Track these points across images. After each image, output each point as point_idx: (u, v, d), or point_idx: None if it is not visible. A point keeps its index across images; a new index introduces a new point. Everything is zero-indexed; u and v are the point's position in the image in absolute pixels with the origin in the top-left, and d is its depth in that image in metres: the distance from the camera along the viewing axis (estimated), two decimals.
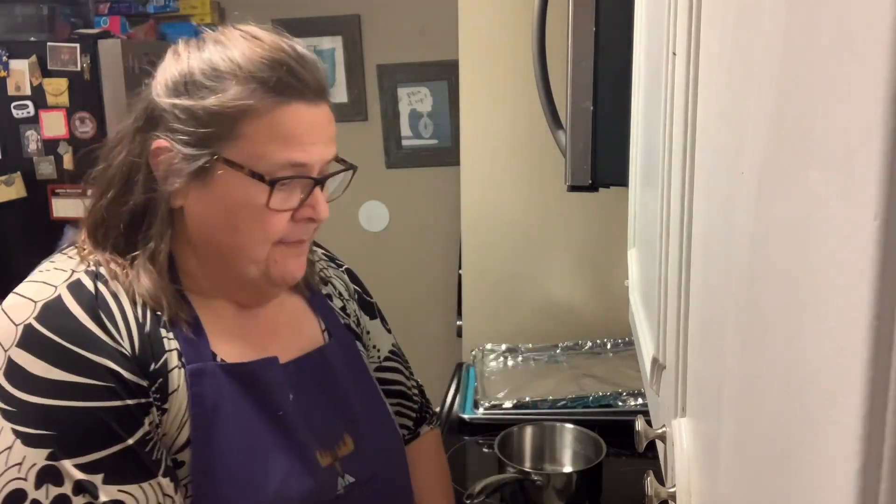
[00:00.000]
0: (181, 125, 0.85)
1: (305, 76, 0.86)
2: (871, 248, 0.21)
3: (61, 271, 0.85)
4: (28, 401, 0.77)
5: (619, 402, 1.55)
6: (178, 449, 0.85)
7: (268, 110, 0.84)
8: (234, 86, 0.83)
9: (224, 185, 0.85)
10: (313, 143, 0.87)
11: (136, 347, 0.82)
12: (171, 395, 0.84)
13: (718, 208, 0.45)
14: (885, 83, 0.20)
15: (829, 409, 0.24)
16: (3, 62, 2.85)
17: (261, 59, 0.84)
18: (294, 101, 0.85)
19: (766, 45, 0.33)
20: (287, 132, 0.85)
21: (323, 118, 0.89)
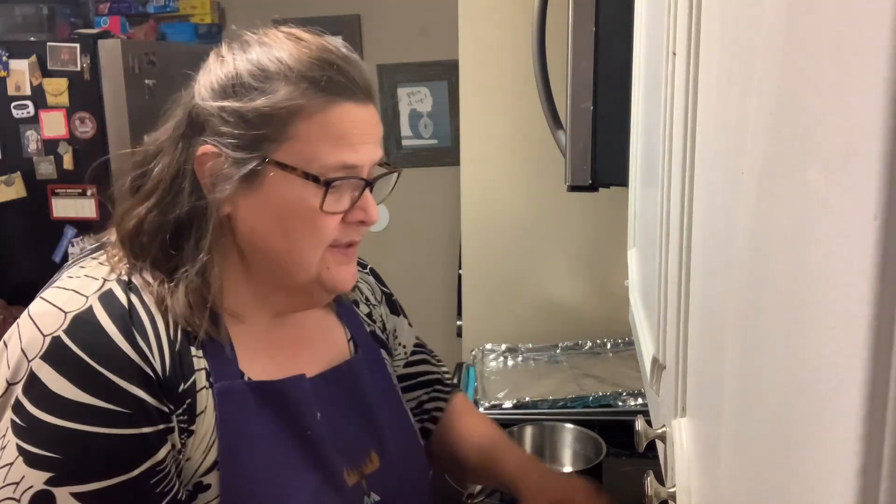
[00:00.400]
0: (229, 128, 0.82)
1: (354, 75, 0.86)
2: (871, 248, 0.21)
3: (92, 279, 0.82)
4: (41, 419, 0.74)
5: (619, 402, 1.55)
6: (204, 471, 0.82)
7: (319, 110, 0.82)
8: (285, 86, 0.82)
9: (275, 188, 0.83)
10: (364, 143, 0.86)
11: (166, 367, 0.79)
12: (198, 416, 0.81)
13: (718, 208, 0.45)
14: (885, 83, 0.20)
15: (829, 409, 0.24)
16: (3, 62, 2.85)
17: (309, 59, 0.83)
18: (345, 100, 0.84)
19: (767, 45, 0.33)
20: (339, 132, 0.83)
21: (371, 118, 0.88)
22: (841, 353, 0.23)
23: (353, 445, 0.94)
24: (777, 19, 0.31)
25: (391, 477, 0.96)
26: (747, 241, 0.36)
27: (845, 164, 0.23)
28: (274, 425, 0.86)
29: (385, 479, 0.95)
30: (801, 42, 0.28)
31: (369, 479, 0.93)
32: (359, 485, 0.92)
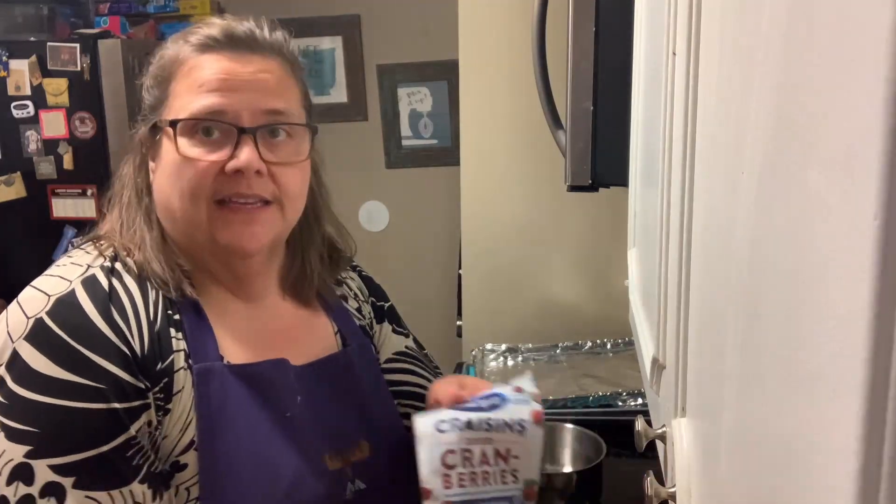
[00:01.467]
0: (143, 104, 0.92)
1: (237, 32, 0.88)
2: (871, 248, 0.21)
3: (77, 266, 0.86)
4: (22, 395, 0.77)
5: (619, 402, 1.55)
6: (181, 450, 0.84)
7: (190, 65, 0.87)
8: (170, 51, 0.89)
9: (164, 150, 0.88)
10: (235, 90, 0.86)
11: (144, 346, 0.82)
12: (175, 395, 0.84)
13: (718, 208, 0.45)
14: (885, 83, 0.20)
15: (829, 409, 0.24)
16: (3, 62, 2.85)
17: (200, 30, 0.89)
18: (216, 52, 0.87)
19: (767, 45, 0.33)
20: (202, 80, 0.86)
21: (254, 68, 0.88)
22: (841, 353, 0.23)
23: (339, 432, 0.94)
24: (777, 19, 0.31)
25: (380, 467, 0.96)
26: (747, 241, 0.36)
27: (845, 164, 0.23)
28: (253, 407, 0.88)
29: (373, 468, 0.95)
30: (801, 42, 0.28)
31: (356, 467, 0.94)
32: (342, 470, 0.92)
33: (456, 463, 0.84)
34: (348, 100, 3.33)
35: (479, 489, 0.84)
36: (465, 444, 0.84)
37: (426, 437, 0.85)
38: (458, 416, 0.86)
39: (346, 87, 3.32)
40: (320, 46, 3.25)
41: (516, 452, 0.85)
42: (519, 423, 0.86)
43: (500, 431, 0.85)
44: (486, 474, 0.84)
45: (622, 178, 1.12)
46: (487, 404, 0.87)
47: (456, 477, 0.83)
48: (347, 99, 3.33)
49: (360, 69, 3.33)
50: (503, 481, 0.84)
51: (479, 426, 0.85)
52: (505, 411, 0.87)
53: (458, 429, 0.84)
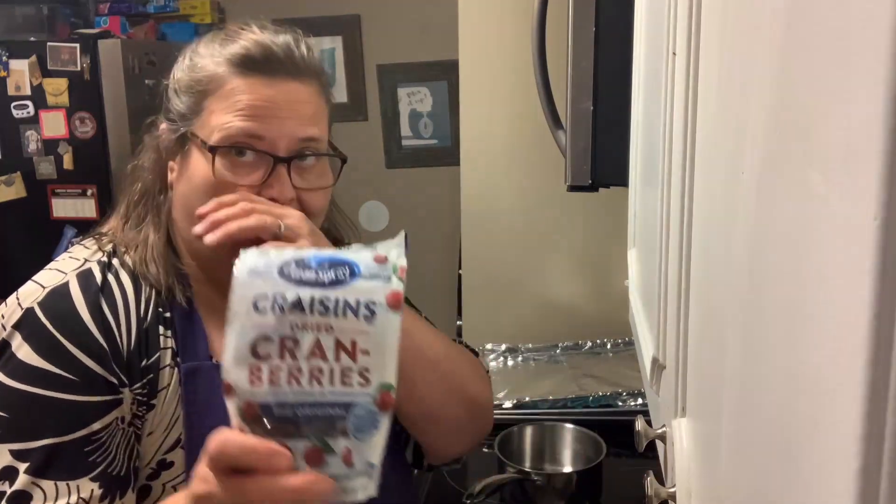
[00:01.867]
0: (170, 104, 0.91)
1: (278, 53, 0.88)
2: (871, 249, 0.21)
3: (75, 260, 0.88)
4: (3, 382, 0.80)
5: (619, 402, 1.56)
6: (167, 449, 0.86)
7: (229, 84, 0.87)
8: (208, 64, 0.88)
9: (194, 160, 0.88)
10: (274, 116, 0.86)
11: (130, 342, 0.84)
12: (160, 391, 0.85)
13: (718, 208, 0.45)
14: (885, 83, 0.20)
15: (829, 409, 0.24)
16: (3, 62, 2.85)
17: (239, 43, 0.88)
18: (257, 75, 0.86)
19: (766, 44, 0.33)
20: (242, 104, 0.86)
21: (292, 95, 0.88)
22: (841, 353, 0.23)
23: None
24: (777, 19, 0.31)
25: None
26: (747, 241, 0.36)
27: (845, 164, 0.23)
28: None
29: None
30: (801, 42, 0.28)
31: None
32: None
33: (271, 353, 0.62)
34: (348, 100, 3.33)
35: (301, 391, 0.61)
36: (289, 331, 0.62)
37: (239, 315, 0.63)
38: (284, 292, 0.62)
39: (346, 87, 3.33)
40: (320, 46, 3.25)
41: (365, 346, 0.63)
42: (368, 307, 0.63)
43: (342, 317, 0.63)
44: (317, 372, 0.62)
45: (622, 178, 1.12)
46: (330, 277, 0.64)
47: (268, 371, 0.61)
48: (347, 99, 3.33)
49: (360, 69, 3.33)
50: (344, 383, 0.62)
51: (312, 308, 0.62)
52: (351, 289, 0.64)
53: (280, 309, 0.62)
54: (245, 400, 0.61)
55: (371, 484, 0.64)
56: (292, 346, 0.61)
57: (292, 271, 0.63)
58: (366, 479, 0.63)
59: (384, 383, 0.63)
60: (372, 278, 0.65)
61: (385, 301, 0.64)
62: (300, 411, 0.61)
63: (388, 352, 0.64)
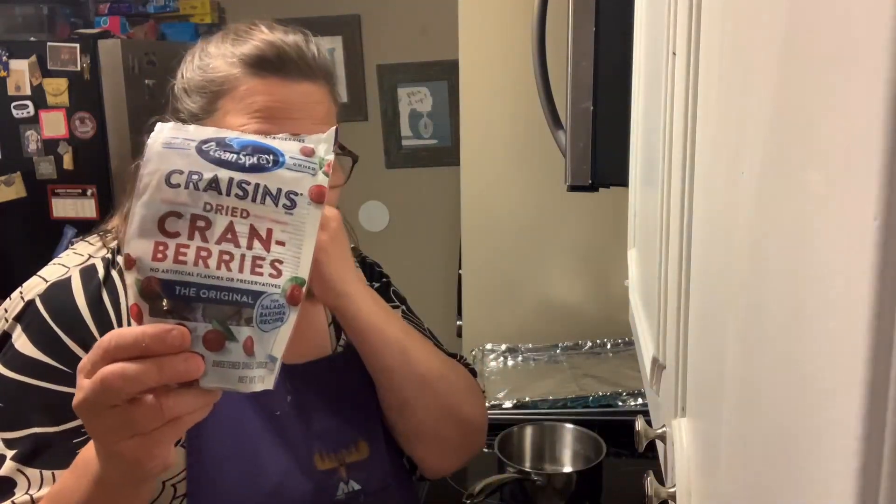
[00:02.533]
0: (178, 104, 0.90)
1: (290, 53, 0.87)
2: (871, 249, 0.21)
3: (79, 255, 0.89)
4: (1, 373, 0.82)
5: (619, 402, 1.55)
6: None
7: (242, 84, 0.86)
8: (220, 64, 0.87)
9: None
10: (289, 118, 0.86)
11: None
12: None
13: (718, 208, 0.45)
14: (885, 83, 0.20)
15: (829, 409, 0.24)
16: (3, 62, 2.85)
17: (252, 43, 0.87)
18: (271, 75, 0.86)
19: (766, 45, 0.33)
20: (256, 105, 0.85)
21: (306, 96, 0.88)
22: (841, 353, 0.23)
23: (333, 432, 0.93)
24: (777, 19, 0.31)
25: (377, 468, 0.95)
26: (747, 241, 0.36)
27: (845, 164, 0.23)
28: (242, 405, 0.87)
29: (370, 469, 0.94)
30: (801, 42, 0.28)
31: (351, 468, 0.93)
32: (334, 471, 0.91)
33: (179, 231, 0.58)
34: (348, 100, 3.33)
35: (208, 273, 0.58)
36: (201, 211, 0.59)
37: (149, 187, 0.59)
38: (202, 170, 0.59)
39: (346, 87, 3.33)
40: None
41: (281, 237, 0.60)
42: (289, 196, 0.61)
43: (259, 203, 0.60)
44: (227, 256, 0.59)
45: (622, 178, 1.12)
46: (251, 161, 0.61)
47: (174, 249, 0.58)
48: (347, 99, 3.33)
49: (360, 69, 3.33)
50: (255, 271, 0.59)
51: (229, 190, 0.59)
52: (273, 176, 0.61)
53: (195, 187, 0.59)
54: (146, 275, 0.58)
55: (270, 377, 0.61)
56: (203, 227, 0.59)
57: (212, 150, 0.60)
58: (264, 370, 0.61)
59: (296, 277, 0.61)
60: (297, 169, 0.62)
61: (307, 193, 0.62)
62: (204, 293, 0.58)
63: (305, 246, 0.62)
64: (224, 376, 0.59)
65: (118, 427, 0.58)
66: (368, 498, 0.94)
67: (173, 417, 0.58)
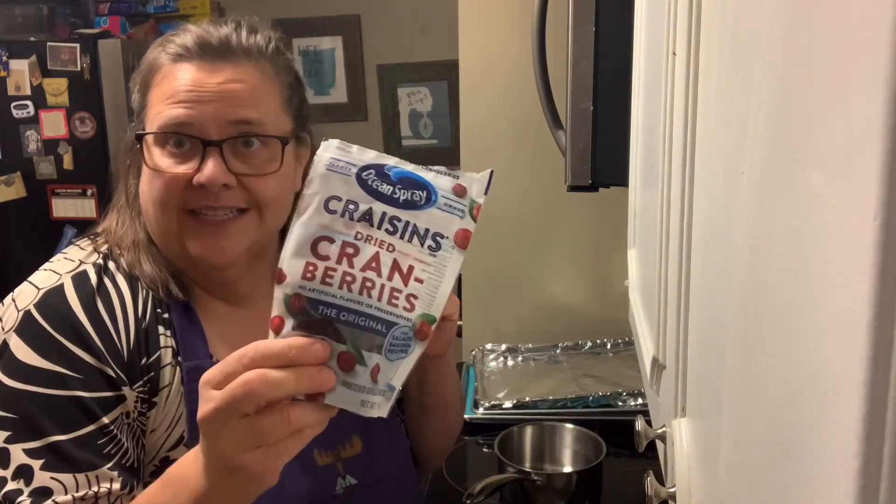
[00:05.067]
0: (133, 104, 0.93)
1: (210, 39, 0.88)
2: (871, 248, 0.21)
3: (70, 261, 0.88)
4: (7, 384, 0.80)
5: (619, 402, 1.55)
6: (171, 446, 0.86)
7: (162, 72, 0.87)
8: (147, 60, 0.90)
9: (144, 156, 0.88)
10: (199, 101, 0.85)
11: (130, 341, 0.84)
12: (161, 390, 0.86)
13: (718, 208, 0.45)
14: (885, 83, 0.20)
15: (829, 409, 0.24)
16: (3, 62, 2.85)
17: (177, 34, 0.90)
18: (187, 61, 0.87)
19: (766, 45, 0.33)
20: (170, 91, 0.86)
21: (224, 76, 0.86)
22: (841, 353, 0.23)
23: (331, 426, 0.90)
24: (777, 19, 0.31)
25: (373, 463, 0.96)
26: (747, 241, 0.36)
27: (845, 164, 0.23)
28: None
29: (366, 464, 0.95)
30: (801, 41, 0.28)
31: (346, 463, 0.94)
32: (332, 466, 0.93)
33: (330, 255, 0.61)
34: (348, 100, 3.33)
35: (351, 297, 0.61)
36: (352, 238, 0.62)
37: (308, 209, 0.62)
38: (358, 200, 0.62)
39: (346, 87, 3.33)
40: (320, 46, 3.25)
41: (420, 275, 0.62)
42: (435, 238, 0.63)
43: (406, 241, 0.62)
44: (368, 283, 0.61)
45: (622, 178, 1.12)
46: (405, 197, 0.63)
47: (323, 270, 0.61)
48: (347, 99, 3.33)
49: (360, 69, 3.33)
50: (391, 302, 0.61)
51: (381, 224, 0.62)
52: (424, 215, 0.63)
53: (350, 216, 0.62)
54: (295, 290, 0.61)
55: (386, 405, 0.64)
56: (352, 254, 0.62)
57: (370, 179, 0.63)
58: (382, 398, 0.64)
59: (428, 314, 0.63)
60: (447, 210, 0.64)
61: (453, 237, 0.64)
62: (344, 316, 0.61)
63: (441, 287, 0.64)
64: (348, 397, 0.63)
65: (245, 438, 0.60)
66: (364, 492, 0.94)
67: (297, 429, 0.61)
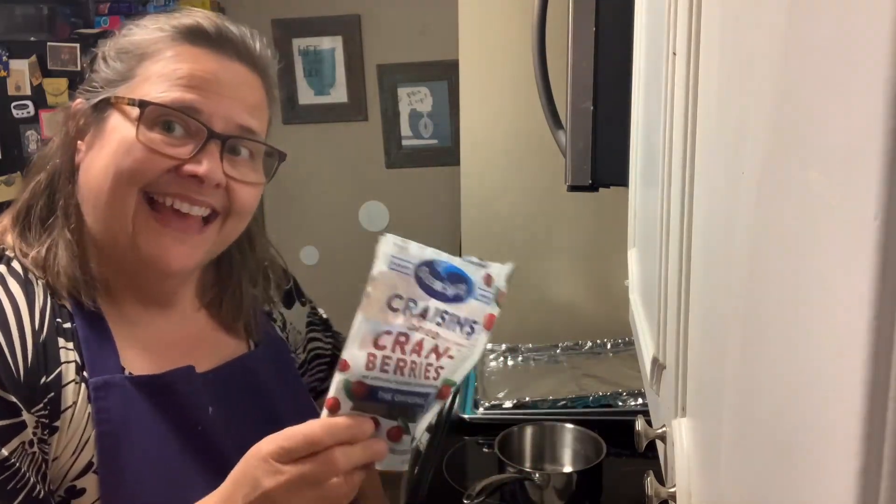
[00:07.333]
0: (94, 75, 0.83)
1: (230, 31, 0.82)
2: (871, 248, 0.21)
3: None
4: None
5: (619, 402, 1.55)
6: (77, 474, 0.76)
7: (169, 50, 0.79)
8: (146, 31, 0.81)
9: (110, 129, 0.79)
10: (215, 92, 0.79)
11: (27, 357, 0.74)
12: (63, 412, 0.75)
13: (718, 208, 0.45)
14: (885, 83, 0.20)
15: (829, 409, 0.24)
16: (3, 62, 2.85)
17: (188, 17, 0.82)
18: (204, 46, 0.80)
19: (766, 45, 0.33)
20: (184, 72, 0.78)
21: (238, 76, 0.82)
22: (841, 353, 0.23)
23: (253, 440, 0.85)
24: (777, 19, 0.31)
25: None
26: (747, 241, 0.36)
27: (845, 164, 0.23)
28: (160, 422, 0.80)
29: None
30: (801, 42, 0.28)
31: None
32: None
33: (387, 345, 0.70)
34: (348, 100, 3.33)
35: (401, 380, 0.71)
36: (406, 329, 0.71)
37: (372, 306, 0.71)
38: (417, 299, 0.71)
39: (346, 87, 3.32)
40: (320, 46, 3.25)
41: (454, 353, 0.72)
42: (471, 325, 0.74)
43: (450, 329, 0.72)
44: (413, 365, 0.71)
45: (622, 178, 1.12)
46: (453, 292, 0.73)
47: (381, 359, 0.70)
48: (347, 99, 3.33)
49: (360, 69, 3.32)
50: (426, 376, 0.71)
51: (432, 318, 0.72)
52: (465, 307, 0.73)
53: (409, 313, 0.71)
54: (357, 379, 0.70)
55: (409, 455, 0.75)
56: (403, 342, 0.71)
57: (426, 277, 0.73)
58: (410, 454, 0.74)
59: (450, 380, 0.73)
60: (481, 299, 0.75)
61: (483, 322, 0.75)
62: (397, 398, 0.71)
63: (467, 362, 0.73)
64: (393, 461, 0.73)
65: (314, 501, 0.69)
66: None
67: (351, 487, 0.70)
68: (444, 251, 0.76)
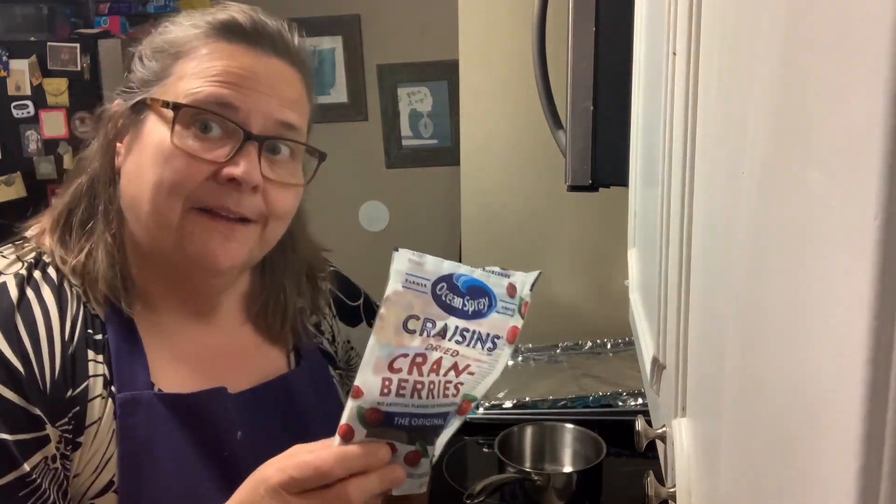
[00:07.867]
0: (131, 75, 0.81)
1: (266, 26, 0.80)
2: (871, 248, 0.21)
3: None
4: None
5: (619, 402, 1.55)
6: (97, 492, 0.74)
7: (204, 47, 0.77)
8: (181, 28, 0.80)
9: (147, 131, 0.77)
10: (252, 89, 0.77)
11: (55, 369, 0.72)
12: (88, 427, 0.73)
13: (718, 208, 0.45)
14: (885, 83, 0.20)
15: (829, 409, 0.24)
16: (3, 62, 2.85)
17: (223, 11, 0.80)
18: (240, 42, 0.78)
19: (766, 44, 0.33)
20: (219, 69, 0.76)
21: (276, 72, 0.79)
22: (841, 353, 0.23)
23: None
24: (777, 19, 0.31)
25: None
26: (747, 241, 0.36)
27: (845, 164, 0.23)
28: (186, 444, 0.78)
29: None
30: (800, 42, 0.28)
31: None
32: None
33: (403, 368, 0.65)
34: (348, 100, 3.33)
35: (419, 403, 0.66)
36: (423, 350, 0.65)
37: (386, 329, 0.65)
38: (435, 319, 0.65)
39: (346, 87, 3.32)
40: (320, 46, 3.25)
41: (474, 370, 0.67)
42: (493, 340, 0.68)
43: (471, 346, 0.67)
44: (431, 385, 0.66)
45: (622, 178, 1.12)
46: (473, 307, 0.67)
47: (397, 384, 0.64)
48: (347, 99, 3.33)
49: (360, 69, 3.32)
50: (444, 395, 0.66)
51: (452, 336, 0.66)
52: (486, 322, 0.68)
53: (426, 334, 0.65)
54: (371, 406, 0.65)
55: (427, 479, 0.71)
56: (420, 363, 0.65)
57: (444, 294, 0.67)
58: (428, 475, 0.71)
59: (470, 395, 0.68)
60: (503, 312, 0.70)
61: (506, 335, 0.70)
62: (415, 422, 0.67)
63: (489, 377, 0.69)
64: (411, 485, 0.69)
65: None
66: None
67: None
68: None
